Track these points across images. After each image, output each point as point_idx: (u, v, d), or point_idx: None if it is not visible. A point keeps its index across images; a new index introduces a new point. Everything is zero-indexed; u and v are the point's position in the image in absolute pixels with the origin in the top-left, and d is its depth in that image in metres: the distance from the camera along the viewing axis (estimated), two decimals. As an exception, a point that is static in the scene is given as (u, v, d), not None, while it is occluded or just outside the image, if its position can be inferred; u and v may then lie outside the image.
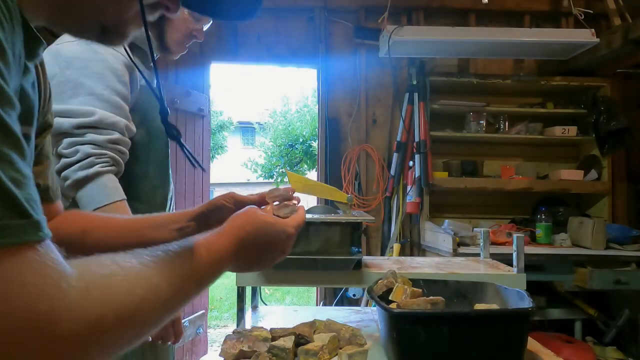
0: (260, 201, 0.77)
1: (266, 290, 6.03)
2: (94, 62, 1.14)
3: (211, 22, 1.38)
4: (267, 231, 0.64)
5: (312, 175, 12.67)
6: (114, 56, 1.17)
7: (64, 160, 1.10)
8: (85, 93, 1.12)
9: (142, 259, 0.44)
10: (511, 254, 1.49)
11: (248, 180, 16.08)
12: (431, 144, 3.01)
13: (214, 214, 0.76)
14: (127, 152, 1.18)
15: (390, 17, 2.94)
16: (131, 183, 1.21)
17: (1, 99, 0.33)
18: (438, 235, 2.76)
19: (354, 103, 3.38)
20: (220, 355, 1.02)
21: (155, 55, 1.32)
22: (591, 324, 2.75)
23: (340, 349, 1.02)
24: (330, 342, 1.02)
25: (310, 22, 3.43)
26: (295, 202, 0.77)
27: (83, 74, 1.13)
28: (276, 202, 0.76)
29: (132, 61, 0.74)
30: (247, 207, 0.66)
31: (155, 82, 0.60)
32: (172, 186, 1.40)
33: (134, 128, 1.21)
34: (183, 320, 2.11)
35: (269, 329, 1.09)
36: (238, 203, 0.75)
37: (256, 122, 18.22)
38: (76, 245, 0.68)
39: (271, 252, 0.65)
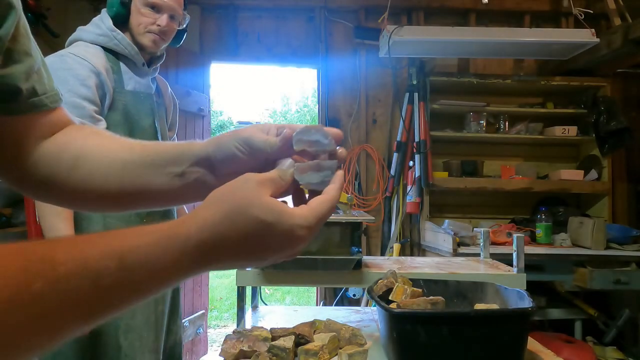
0: (284, 150, 0.51)
1: (266, 290, 6.03)
2: (61, 71, 1.34)
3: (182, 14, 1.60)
4: (262, 234, 0.42)
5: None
6: (80, 64, 1.37)
7: None
8: None
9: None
10: (511, 254, 1.49)
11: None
12: (431, 144, 3.01)
13: (222, 164, 0.53)
14: None
15: (390, 17, 2.94)
16: None
17: None
18: (438, 235, 2.76)
19: (354, 103, 3.38)
20: (220, 355, 1.02)
21: (143, 60, 1.57)
22: (591, 324, 2.74)
23: (340, 349, 1.02)
24: (330, 342, 1.02)
25: (310, 22, 3.43)
26: (336, 161, 0.50)
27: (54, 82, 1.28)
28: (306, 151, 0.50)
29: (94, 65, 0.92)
30: (243, 179, 0.44)
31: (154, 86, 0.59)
32: None
33: (101, 124, 1.39)
34: (183, 320, 2.11)
35: (269, 329, 1.09)
36: (254, 152, 0.51)
37: (256, 122, 18.19)
38: (61, 183, 0.57)
39: (266, 255, 0.44)
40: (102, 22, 1.50)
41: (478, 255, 1.76)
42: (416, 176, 3.01)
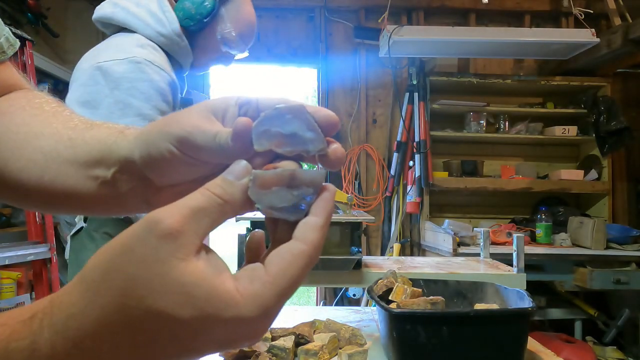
0: (245, 147, 0.31)
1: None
2: (141, 82, 1.13)
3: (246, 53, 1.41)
4: (176, 336, 0.26)
5: (312, 175, 12.64)
6: (160, 75, 1.17)
7: None
8: (133, 114, 1.12)
9: None
10: (511, 254, 1.49)
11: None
12: (431, 144, 3.01)
13: (155, 173, 0.36)
14: None
15: (390, 17, 2.94)
16: None
17: None
18: (438, 235, 2.75)
19: (354, 103, 3.38)
20: (220, 355, 1.02)
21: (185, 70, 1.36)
22: (591, 324, 2.75)
23: (340, 348, 1.02)
24: (330, 342, 1.02)
25: (310, 22, 3.43)
26: (323, 172, 0.30)
27: (131, 94, 1.12)
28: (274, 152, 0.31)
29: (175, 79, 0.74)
30: (143, 228, 0.26)
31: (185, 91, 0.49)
32: None
33: None
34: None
35: (268, 329, 1.09)
36: (200, 156, 0.33)
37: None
38: None
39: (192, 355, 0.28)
40: (167, 20, 1.23)
41: (478, 255, 1.76)
42: (416, 176, 3.01)
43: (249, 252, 0.31)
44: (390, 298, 1.04)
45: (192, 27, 1.25)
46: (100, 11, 1.23)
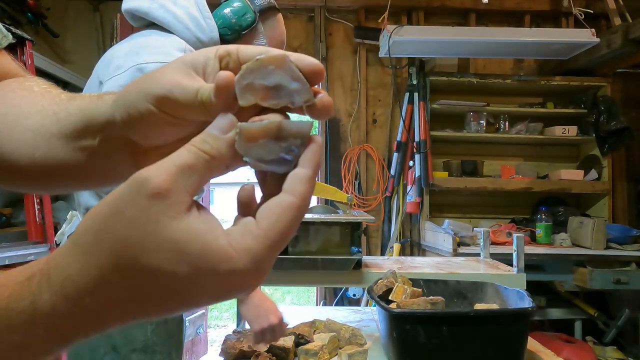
0: (228, 103, 0.30)
1: (266, 290, 6.04)
2: None
3: None
4: (171, 289, 0.27)
5: (312, 175, 12.64)
6: None
7: None
8: None
9: None
10: (511, 254, 1.50)
11: (248, 180, 16.05)
12: (431, 144, 3.01)
13: (136, 134, 0.34)
14: None
15: (390, 17, 2.94)
16: None
17: None
18: (438, 235, 2.75)
19: (354, 103, 3.38)
20: (220, 355, 1.02)
21: None
22: (591, 324, 2.75)
23: (340, 348, 1.02)
24: (330, 342, 1.02)
25: (310, 22, 3.43)
26: (309, 123, 0.30)
27: None
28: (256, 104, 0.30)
29: None
30: (132, 189, 0.26)
31: None
32: None
33: None
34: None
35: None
36: (175, 109, 0.31)
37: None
38: None
39: (186, 305, 0.28)
40: (207, 27, 1.18)
41: (478, 255, 1.76)
42: (416, 176, 3.01)
43: (241, 206, 0.30)
44: (390, 298, 1.05)
45: (228, 36, 1.23)
46: (133, 2, 1.16)
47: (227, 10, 1.21)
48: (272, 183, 0.30)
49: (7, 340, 0.26)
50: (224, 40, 1.22)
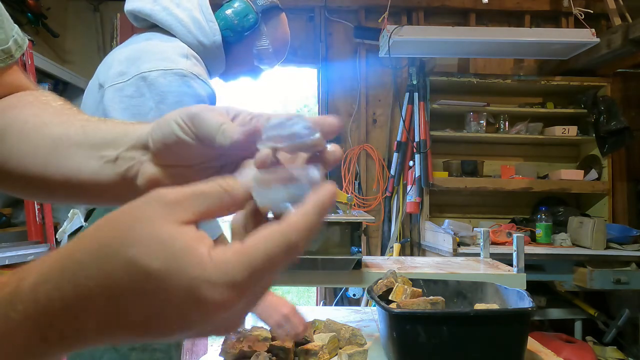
0: (248, 141, 0.34)
1: (266, 290, 6.04)
2: (187, 97, 1.07)
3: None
4: (141, 291, 0.26)
5: (312, 175, 12.63)
6: (204, 89, 1.12)
7: None
8: None
9: None
10: (511, 254, 1.50)
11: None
12: (431, 144, 3.01)
13: (160, 148, 0.38)
14: None
15: (390, 17, 2.94)
16: None
17: None
18: (438, 235, 2.76)
19: (354, 103, 3.38)
20: (220, 355, 1.02)
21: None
22: (591, 324, 2.75)
23: (340, 348, 1.02)
24: (330, 342, 1.02)
25: (310, 22, 3.43)
26: (317, 169, 0.31)
27: (176, 108, 1.09)
28: (277, 147, 0.33)
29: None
30: (151, 196, 0.28)
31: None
32: None
33: None
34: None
35: (269, 329, 1.09)
36: (203, 138, 0.35)
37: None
38: None
39: (153, 328, 0.27)
40: (210, 31, 1.17)
41: (478, 255, 1.76)
42: (416, 176, 3.01)
43: (235, 235, 0.31)
44: (390, 298, 1.05)
45: (230, 38, 1.22)
46: (136, 3, 1.15)
47: (228, 12, 1.20)
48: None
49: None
50: (226, 42, 1.21)
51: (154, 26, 1.16)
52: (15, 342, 0.26)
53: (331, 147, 0.34)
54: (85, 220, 1.16)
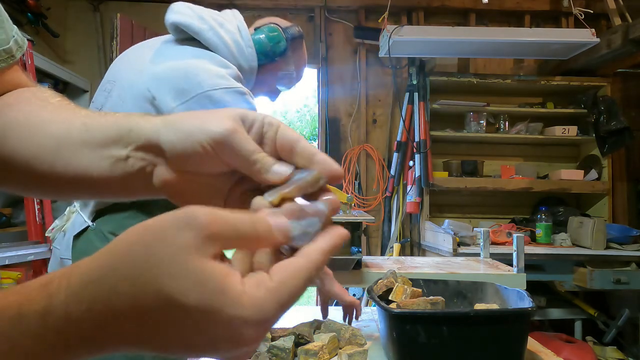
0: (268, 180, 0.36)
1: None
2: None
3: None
4: (178, 322, 0.27)
5: (312, 175, 12.61)
6: (255, 107, 1.18)
7: None
8: None
9: None
10: (511, 254, 1.49)
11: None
12: (431, 144, 3.01)
13: (179, 158, 0.38)
14: None
15: (390, 17, 2.95)
16: None
17: None
18: (438, 235, 2.76)
19: (354, 103, 3.38)
20: (220, 355, 1.02)
21: None
22: (591, 324, 2.75)
23: (340, 349, 1.02)
24: (330, 342, 1.02)
25: (310, 22, 3.43)
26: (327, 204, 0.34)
27: None
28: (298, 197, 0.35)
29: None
30: (182, 220, 0.28)
31: None
32: None
33: None
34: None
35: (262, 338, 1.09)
36: (229, 159, 0.36)
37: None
38: None
39: (191, 351, 0.29)
40: (249, 57, 1.23)
41: (478, 255, 1.76)
42: (416, 176, 3.01)
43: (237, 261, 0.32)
44: (390, 298, 1.04)
45: (262, 61, 1.27)
46: (183, 18, 1.15)
47: (262, 36, 1.26)
48: (292, 252, 0.32)
49: (19, 344, 0.26)
50: (258, 65, 1.26)
51: (191, 39, 1.17)
52: (45, 356, 0.27)
53: (327, 195, 0.35)
54: (93, 220, 1.15)
